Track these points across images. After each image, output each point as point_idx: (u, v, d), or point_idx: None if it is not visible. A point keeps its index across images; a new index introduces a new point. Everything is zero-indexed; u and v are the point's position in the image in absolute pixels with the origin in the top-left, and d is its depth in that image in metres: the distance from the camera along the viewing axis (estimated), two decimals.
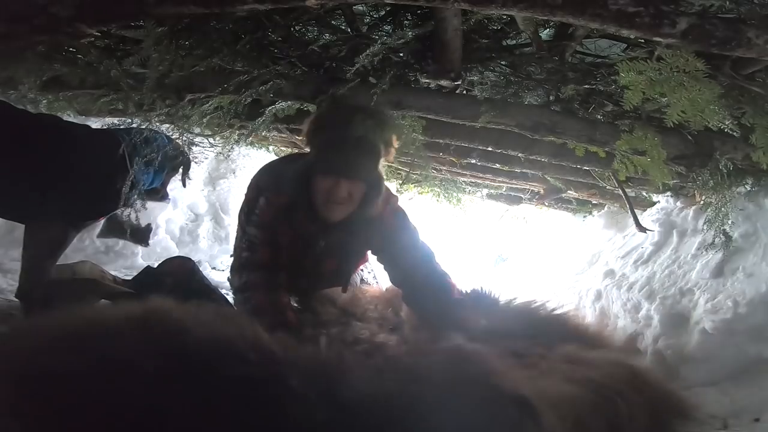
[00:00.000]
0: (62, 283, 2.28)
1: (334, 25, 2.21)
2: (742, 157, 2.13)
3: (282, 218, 1.73)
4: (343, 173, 1.55)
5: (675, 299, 2.60)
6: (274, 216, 1.74)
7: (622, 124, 2.13)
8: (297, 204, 1.68)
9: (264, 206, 1.76)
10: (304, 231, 1.74)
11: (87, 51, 2.03)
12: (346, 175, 1.55)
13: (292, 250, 1.79)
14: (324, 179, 1.57)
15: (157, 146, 2.44)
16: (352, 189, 1.58)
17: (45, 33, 1.71)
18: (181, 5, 1.59)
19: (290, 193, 1.71)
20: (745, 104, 1.83)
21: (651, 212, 3.37)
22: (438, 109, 2.21)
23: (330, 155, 1.56)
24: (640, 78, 1.63)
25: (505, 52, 2.14)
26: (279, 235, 1.75)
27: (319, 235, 1.76)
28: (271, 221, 1.75)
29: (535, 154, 2.68)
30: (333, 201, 1.59)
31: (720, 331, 2.19)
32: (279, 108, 2.32)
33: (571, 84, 2.06)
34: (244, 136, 2.81)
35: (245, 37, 2.02)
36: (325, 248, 1.80)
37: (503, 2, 1.39)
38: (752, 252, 2.37)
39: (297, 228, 1.74)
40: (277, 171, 1.93)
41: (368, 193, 1.63)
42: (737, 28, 1.36)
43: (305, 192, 1.63)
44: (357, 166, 1.55)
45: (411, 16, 2.06)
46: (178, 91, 2.15)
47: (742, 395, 1.96)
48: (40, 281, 2.23)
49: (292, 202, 1.71)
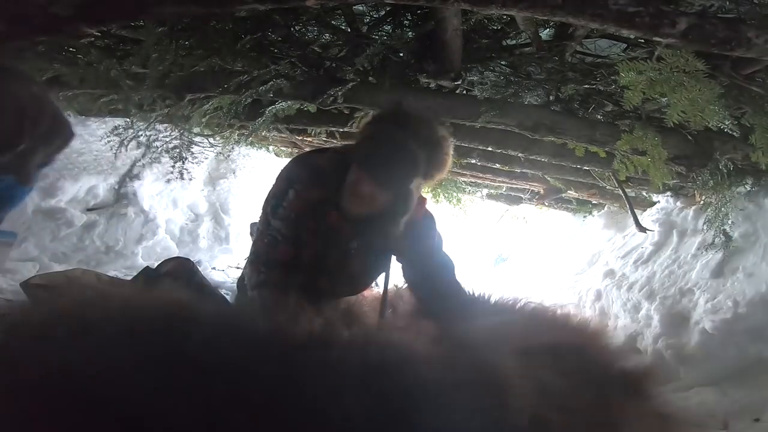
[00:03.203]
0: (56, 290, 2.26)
1: (334, 25, 2.21)
2: (742, 157, 2.13)
3: (310, 215, 1.69)
4: (373, 174, 1.53)
5: (675, 299, 2.60)
6: (302, 211, 1.70)
7: (622, 124, 2.13)
8: (330, 199, 1.64)
9: (293, 200, 1.70)
10: (333, 229, 1.70)
11: (87, 51, 2.03)
12: (374, 176, 1.53)
13: (317, 248, 1.76)
14: (357, 170, 1.55)
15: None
16: (377, 192, 1.56)
17: (45, 33, 1.71)
18: (181, 5, 1.59)
19: (324, 186, 1.66)
20: (745, 104, 1.83)
21: (651, 212, 3.37)
22: (438, 109, 2.21)
23: (370, 150, 1.54)
24: (640, 78, 1.63)
25: (505, 52, 2.14)
26: (305, 232, 1.68)
27: (348, 235, 1.72)
28: (297, 216, 1.70)
29: (535, 154, 2.69)
30: (356, 194, 1.57)
31: (720, 331, 2.19)
32: (279, 108, 2.32)
33: (571, 84, 2.07)
34: (244, 136, 2.81)
35: (245, 37, 2.02)
36: (355, 250, 1.76)
37: (503, 2, 1.39)
38: (752, 252, 2.37)
39: (325, 225, 1.70)
40: (310, 163, 1.85)
41: (394, 206, 1.60)
42: (737, 28, 1.36)
43: (340, 185, 1.60)
44: (389, 173, 1.51)
45: (411, 16, 2.06)
46: (178, 91, 2.15)
47: (742, 395, 1.96)
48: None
49: (324, 197, 1.67)
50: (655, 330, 2.55)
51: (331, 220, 1.67)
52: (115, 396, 0.83)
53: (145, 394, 0.83)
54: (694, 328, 2.35)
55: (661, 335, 2.49)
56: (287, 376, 0.88)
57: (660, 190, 3.04)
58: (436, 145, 1.53)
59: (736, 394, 1.99)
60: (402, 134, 1.49)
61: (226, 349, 0.89)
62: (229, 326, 0.99)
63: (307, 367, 0.90)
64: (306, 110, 2.34)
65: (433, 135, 1.53)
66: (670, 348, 2.38)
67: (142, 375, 0.84)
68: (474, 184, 4.28)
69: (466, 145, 2.75)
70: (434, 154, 1.53)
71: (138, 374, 0.84)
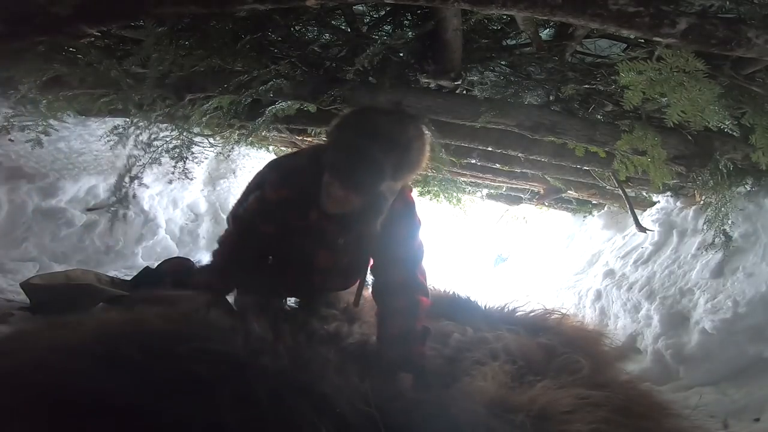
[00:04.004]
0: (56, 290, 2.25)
1: (334, 25, 2.21)
2: (742, 157, 2.13)
3: (284, 210, 1.72)
4: (340, 180, 1.54)
5: (675, 299, 2.60)
6: (261, 210, 1.75)
7: (622, 124, 2.13)
8: (309, 197, 1.66)
9: (265, 195, 1.75)
10: (318, 226, 1.73)
11: (87, 51, 2.03)
12: (342, 183, 1.55)
13: (306, 246, 1.79)
14: (327, 175, 1.56)
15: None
16: (348, 196, 1.58)
17: (45, 33, 1.71)
18: (181, 5, 1.59)
19: (294, 186, 1.69)
20: (745, 104, 1.83)
21: (651, 212, 3.38)
22: (438, 109, 2.21)
23: (335, 159, 1.55)
24: (640, 78, 1.63)
25: (505, 52, 2.14)
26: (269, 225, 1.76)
27: (335, 232, 1.75)
28: (257, 214, 1.76)
29: (535, 154, 2.68)
30: (330, 197, 1.59)
31: (720, 331, 2.19)
32: (279, 108, 2.32)
33: (571, 84, 2.06)
34: (244, 136, 2.81)
35: (245, 37, 2.02)
36: (342, 245, 1.79)
37: (503, 2, 1.39)
38: (752, 252, 2.37)
39: (310, 223, 1.72)
40: (282, 165, 1.90)
41: (368, 207, 1.61)
42: (737, 28, 1.36)
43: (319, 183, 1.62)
44: (355, 181, 1.53)
45: (411, 16, 2.06)
46: (178, 91, 2.15)
47: (742, 395, 1.96)
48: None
49: (293, 197, 1.70)
50: (655, 330, 2.56)
51: (313, 217, 1.70)
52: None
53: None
54: (694, 328, 2.35)
55: (661, 335, 2.49)
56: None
57: (660, 190, 3.04)
58: (405, 148, 1.49)
59: (736, 394, 1.99)
60: (365, 141, 1.47)
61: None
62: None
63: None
64: (306, 110, 2.34)
65: (401, 137, 1.48)
66: (670, 348, 2.38)
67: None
68: (474, 184, 4.28)
69: (466, 145, 2.75)
70: (403, 157, 1.49)
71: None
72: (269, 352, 1.03)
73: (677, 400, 1.78)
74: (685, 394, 2.11)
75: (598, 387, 1.27)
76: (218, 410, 0.85)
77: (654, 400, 1.36)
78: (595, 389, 1.24)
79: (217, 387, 0.89)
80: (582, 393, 1.19)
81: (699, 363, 2.22)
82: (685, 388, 2.17)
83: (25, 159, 3.02)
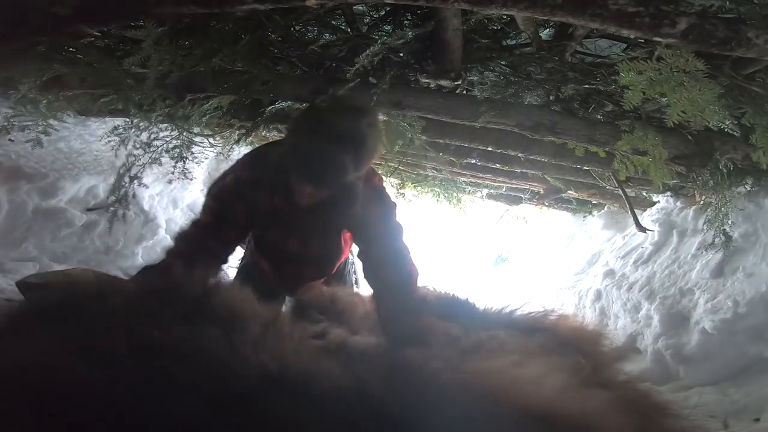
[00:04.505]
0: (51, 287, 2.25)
1: (334, 25, 2.21)
2: (742, 157, 2.13)
3: (246, 197, 1.73)
4: (305, 179, 1.57)
5: (675, 299, 2.61)
6: (233, 193, 1.75)
7: (622, 124, 2.13)
8: (278, 184, 1.68)
9: (240, 176, 1.77)
10: (288, 214, 1.74)
11: (87, 51, 2.03)
12: (307, 181, 1.57)
13: (278, 235, 1.81)
14: (294, 177, 1.58)
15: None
16: (315, 191, 1.60)
17: (45, 33, 1.71)
18: (181, 5, 1.59)
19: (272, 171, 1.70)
20: (745, 104, 1.83)
21: (651, 212, 3.38)
22: (438, 109, 2.21)
23: (295, 160, 1.57)
24: (640, 78, 1.63)
25: (505, 52, 2.13)
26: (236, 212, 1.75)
27: (305, 220, 1.76)
28: (228, 196, 1.76)
29: (535, 154, 2.69)
30: (299, 191, 1.61)
31: (720, 331, 2.19)
32: (279, 108, 2.32)
33: (571, 84, 2.06)
34: (244, 136, 2.80)
35: (245, 37, 2.01)
36: (313, 233, 1.81)
37: (503, 2, 1.39)
38: (752, 252, 2.37)
39: (273, 209, 1.74)
40: (262, 150, 1.93)
41: (337, 197, 1.63)
42: (737, 28, 1.36)
43: (283, 175, 1.63)
44: (317, 178, 1.56)
45: (411, 16, 2.06)
46: (178, 91, 2.15)
47: (742, 395, 1.97)
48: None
49: (269, 180, 1.71)
50: (655, 330, 2.56)
51: (282, 204, 1.71)
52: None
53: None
54: (694, 328, 2.36)
55: (661, 335, 2.49)
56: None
57: (660, 190, 3.04)
58: (362, 140, 1.51)
59: (736, 394, 1.99)
60: (322, 142, 1.49)
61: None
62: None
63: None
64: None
65: (358, 130, 1.51)
66: (670, 348, 2.38)
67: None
68: (474, 184, 4.28)
69: (466, 145, 2.75)
70: (363, 147, 1.52)
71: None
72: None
73: (677, 400, 1.78)
74: (685, 394, 2.11)
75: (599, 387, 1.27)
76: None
77: (654, 400, 1.36)
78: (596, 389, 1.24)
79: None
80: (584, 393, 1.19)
81: (699, 363, 2.23)
82: (685, 388, 2.18)
83: (25, 159, 3.02)
